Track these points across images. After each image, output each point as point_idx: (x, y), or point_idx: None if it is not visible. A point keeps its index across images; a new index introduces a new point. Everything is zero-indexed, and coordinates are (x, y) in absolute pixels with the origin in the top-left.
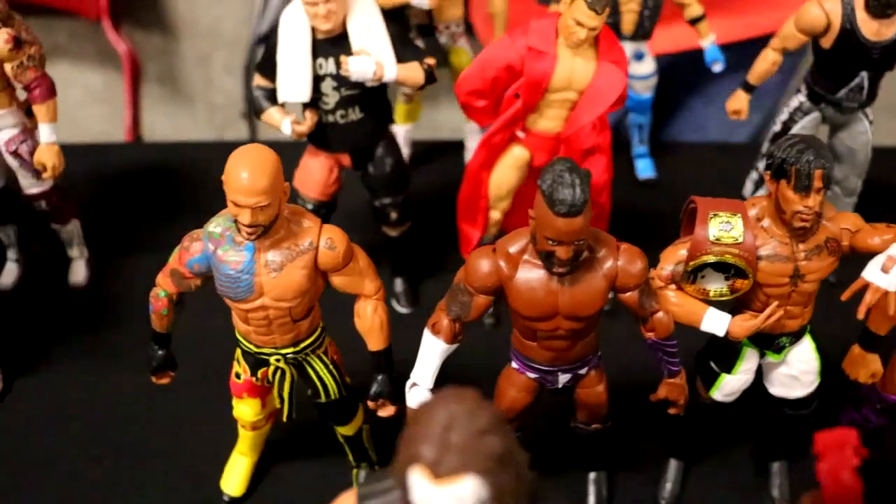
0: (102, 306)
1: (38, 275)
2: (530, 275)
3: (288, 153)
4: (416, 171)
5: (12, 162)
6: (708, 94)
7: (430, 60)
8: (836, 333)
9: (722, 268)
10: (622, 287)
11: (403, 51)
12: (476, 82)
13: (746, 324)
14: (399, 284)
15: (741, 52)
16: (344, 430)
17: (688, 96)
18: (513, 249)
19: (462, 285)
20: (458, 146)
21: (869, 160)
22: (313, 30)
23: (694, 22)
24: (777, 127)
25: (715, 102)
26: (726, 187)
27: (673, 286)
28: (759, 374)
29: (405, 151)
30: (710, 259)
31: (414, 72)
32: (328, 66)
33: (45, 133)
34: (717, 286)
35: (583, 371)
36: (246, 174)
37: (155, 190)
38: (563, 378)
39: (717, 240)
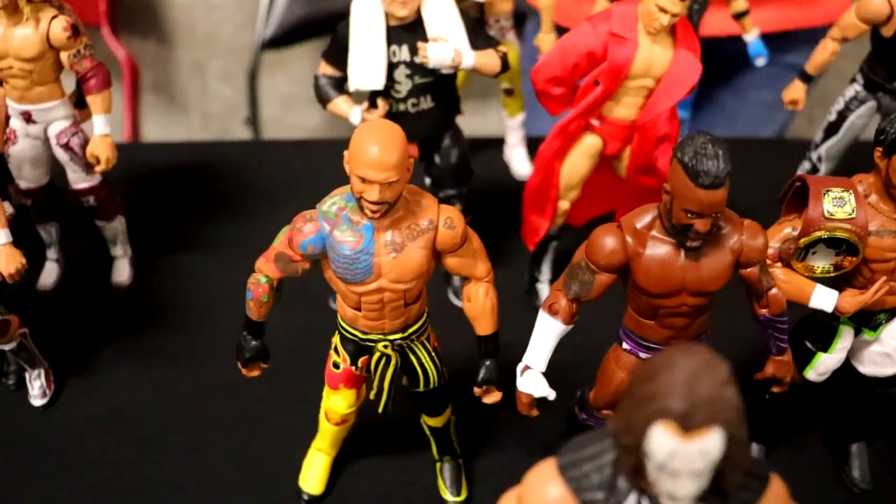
0: (148, 307)
1: (78, 274)
2: (659, 251)
3: (291, 152)
4: None
5: (62, 155)
6: (738, 87)
7: (503, 48)
8: None
9: (833, 244)
10: (746, 262)
11: (476, 38)
12: (556, 69)
13: (855, 299)
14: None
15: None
16: (433, 422)
17: (719, 89)
18: (639, 225)
19: (584, 263)
20: (492, 143)
21: None
22: (387, 16)
23: (739, 16)
24: (832, 117)
25: (747, 95)
26: (755, 182)
27: (779, 264)
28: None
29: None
30: (823, 234)
31: (491, 59)
32: (402, 53)
33: (99, 125)
34: (824, 263)
35: None
36: (377, 149)
37: (173, 190)
38: None
39: (831, 215)
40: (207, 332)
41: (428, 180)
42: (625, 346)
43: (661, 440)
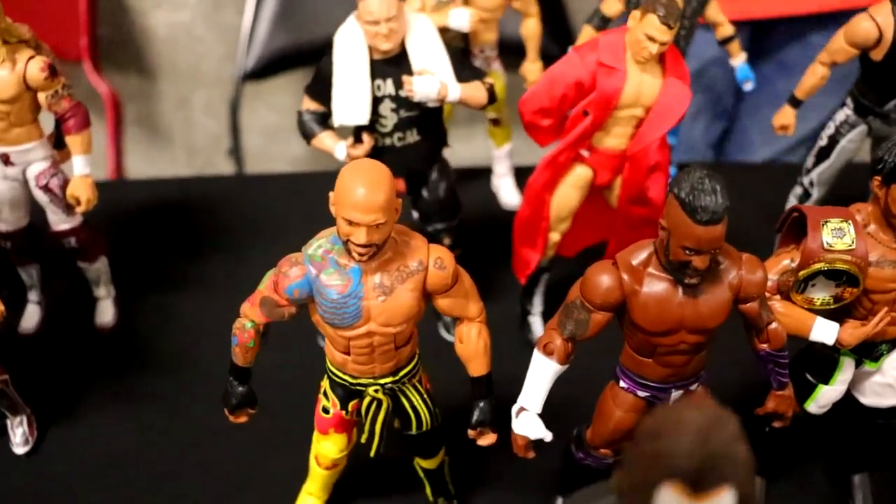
0: (134, 348)
1: (61, 316)
2: (656, 288)
3: (275, 187)
4: None
5: (42, 197)
6: (789, 66)
7: (490, 80)
8: None
9: (833, 275)
10: (745, 297)
11: (462, 70)
12: (544, 100)
13: (857, 331)
14: None
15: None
16: (427, 464)
17: (770, 66)
18: (636, 262)
19: (579, 301)
20: (480, 174)
21: None
22: (370, 50)
23: (725, 42)
24: (823, 142)
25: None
26: (748, 206)
27: (778, 296)
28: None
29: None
30: (823, 266)
31: (477, 91)
32: (387, 87)
33: (79, 165)
34: (823, 295)
35: (693, 387)
36: (363, 190)
37: (157, 227)
38: (676, 395)
39: (831, 246)
40: (195, 373)
41: (416, 214)
42: (622, 384)
43: (670, 502)
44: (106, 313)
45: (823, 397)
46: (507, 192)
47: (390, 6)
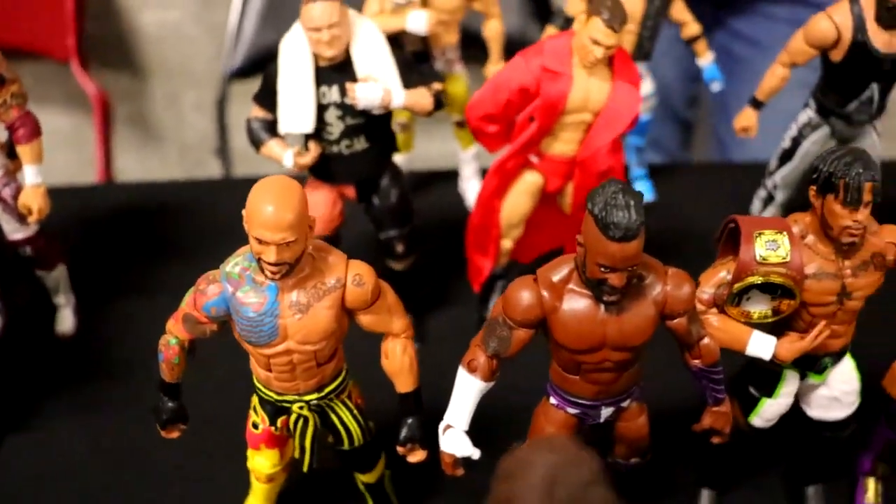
0: (93, 355)
1: (22, 325)
2: (576, 305)
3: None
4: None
5: None
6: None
7: (438, 85)
8: (876, 351)
9: (768, 288)
10: (671, 313)
11: (410, 76)
12: (488, 106)
13: (794, 345)
14: None
15: None
16: (366, 478)
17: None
18: (556, 278)
19: (501, 319)
20: (450, 176)
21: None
22: (315, 57)
23: (692, 41)
24: (786, 144)
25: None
26: (726, 207)
27: (714, 310)
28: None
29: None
30: (757, 280)
31: (422, 97)
32: (332, 94)
33: (30, 175)
34: (761, 308)
35: (625, 403)
36: (271, 208)
37: (134, 232)
38: (606, 412)
39: (764, 259)
40: (153, 381)
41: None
42: (552, 400)
43: None
44: (66, 321)
45: (768, 410)
46: (474, 195)
47: (332, 13)
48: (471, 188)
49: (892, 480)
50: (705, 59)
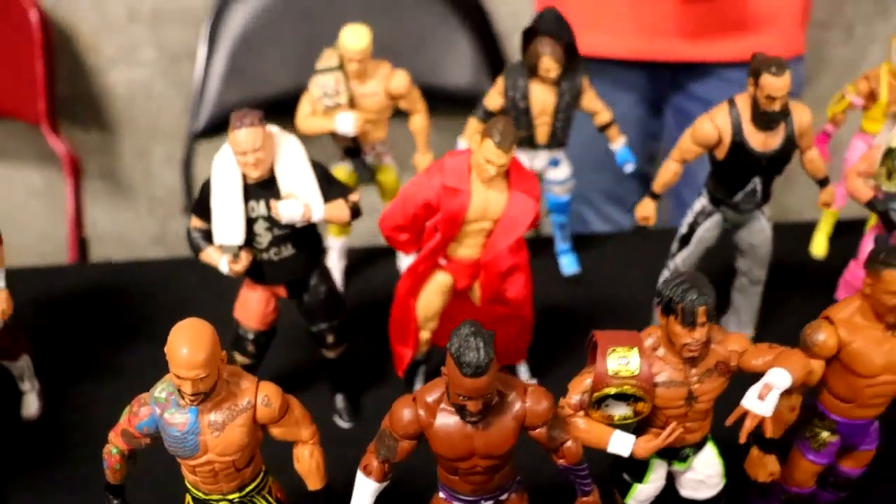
0: (58, 438)
1: None
2: (447, 421)
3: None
4: (352, 280)
5: None
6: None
7: (355, 197)
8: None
9: (622, 397)
10: (531, 425)
11: (329, 189)
12: (398, 218)
13: (649, 444)
14: (340, 401)
15: None
16: None
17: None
18: (430, 399)
19: (388, 431)
20: (389, 252)
21: (770, 253)
22: (244, 175)
23: (604, 128)
24: (684, 229)
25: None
26: (645, 275)
27: (581, 413)
28: (671, 476)
29: (342, 263)
30: (611, 391)
31: (340, 210)
32: (260, 208)
33: None
34: (620, 412)
35: (504, 497)
36: (186, 350)
37: (103, 313)
38: None
39: (616, 374)
40: None
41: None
42: (441, 495)
43: None
44: (31, 406)
45: (641, 493)
46: None
47: (256, 138)
48: (407, 265)
49: None
50: (618, 144)
